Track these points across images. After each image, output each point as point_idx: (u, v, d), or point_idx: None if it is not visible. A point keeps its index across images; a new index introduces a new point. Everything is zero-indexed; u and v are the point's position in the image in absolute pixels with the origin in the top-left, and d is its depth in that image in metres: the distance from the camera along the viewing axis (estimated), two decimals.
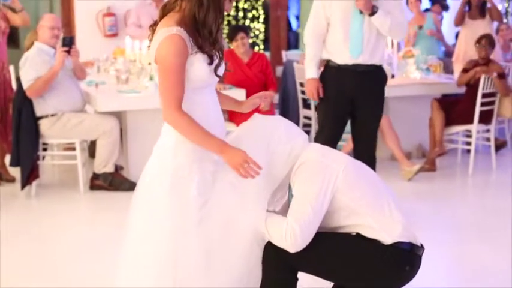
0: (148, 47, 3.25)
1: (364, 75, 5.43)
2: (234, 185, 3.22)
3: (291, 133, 3.38)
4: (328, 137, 5.42)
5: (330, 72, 5.52)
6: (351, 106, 5.50)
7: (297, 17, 14.34)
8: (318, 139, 5.47)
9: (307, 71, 5.55)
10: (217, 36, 3.19)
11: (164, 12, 3.22)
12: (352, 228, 3.29)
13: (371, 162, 5.31)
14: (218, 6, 3.14)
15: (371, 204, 3.26)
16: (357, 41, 5.35)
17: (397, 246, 3.21)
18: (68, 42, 6.67)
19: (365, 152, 5.45)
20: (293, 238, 3.14)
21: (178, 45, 3.08)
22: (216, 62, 3.22)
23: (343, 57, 5.41)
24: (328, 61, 5.56)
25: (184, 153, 3.19)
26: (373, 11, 5.28)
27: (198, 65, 3.16)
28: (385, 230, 3.22)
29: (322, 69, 5.66)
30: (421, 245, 3.34)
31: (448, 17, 10.98)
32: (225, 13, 3.23)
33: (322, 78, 5.57)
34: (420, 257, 3.32)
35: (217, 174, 3.22)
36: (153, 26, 3.24)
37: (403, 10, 5.55)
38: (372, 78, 5.50)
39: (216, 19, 3.15)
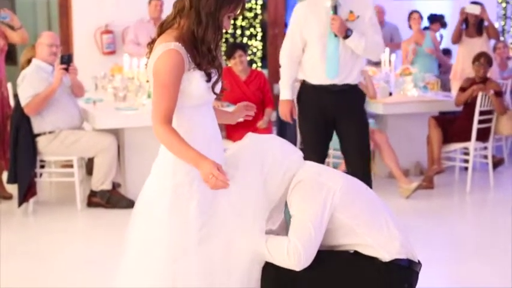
0: (146, 64, 3.25)
1: (340, 93, 5.52)
2: (233, 205, 3.21)
3: (286, 151, 3.39)
4: (313, 155, 5.45)
5: (307, 91, 5.60)
6: (332, 124, 5.59)
7: None
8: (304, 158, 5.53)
9: (282, 91, 5.63)
10: (216, 53, 3.21)
11: (162, 29, 3.22)
12: (350, 247, 3.29)
13: (366, 180, 5.33)
14: (217, 24, 3.16)
15: (369, 222, 3.27)
16: (333, 63, 5.43)
17: (396, 263, 3.21)
18: (67, 60, 6.69)
19: (358, 170, 5.44)
20: (297, 256, 3.14)
21: (175, 60, 3.09)
22: (214, 79, 3.23)
23: (319, 78, 5.49)
24: (303, 80, 5.63)
25: (184, 171, 3.17)
26: (347, 34, 5.36)
27: (196, 82, 3.17)
28: (383, 247, 3.23)
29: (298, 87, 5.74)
30: (419, 261, 3.34)
31: (447, 34, 10.99)
32: (224, 30, 3.24)
33: (300, 97, 5.66)
34: (417, 273, 3.32)
35: (217, 193, 3.18)
36: (151, 44, 3.24)
37: (379, 29, 5.61)
38: (349, 96, 5.59)
39: (215, 36, 3.17)
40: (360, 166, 5.55)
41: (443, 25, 10.93)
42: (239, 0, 3.21)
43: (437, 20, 10.83)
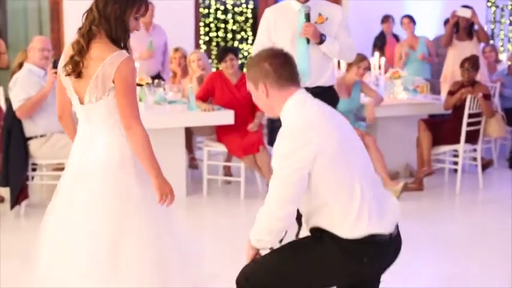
0: (80, 73, 3.51)
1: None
2: None
3: None
4: None
5: None
6: None
7: None
8: None
9: None
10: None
11: (88, 38, 3.55)
12: (316, 211, 3.28)
13: None
14: (124, 26, 3.55)
15: (342, 191, 3.22)
16: (303, 66, 5.42)
17: (354, 239, 3.21)
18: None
19: None
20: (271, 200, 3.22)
21: (134, 66, 3.54)
22: None
23: None
24: None
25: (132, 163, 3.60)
26: (321, 40, 5.44)
27: None
28: (347, 221, 3.21)
29: None
30: (397, 228, 3.36)
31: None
32: (134, 31, 3.63)
33: None
34: (380, 243, 3.26)
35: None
36: (81, 56, 3.53)
37: (350, 32, 5.65)
38: (321, 98, 5.52)
39: (125, 37, 3.58)
40: None
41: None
42: (140, 2, 3.58)
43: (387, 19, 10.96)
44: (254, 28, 12.78)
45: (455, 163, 8.00)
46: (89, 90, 3.50)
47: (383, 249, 3.28)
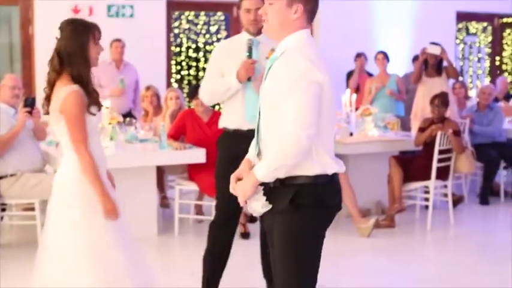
0: (48, 113, 4.08)
1: None
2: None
3: None
4: (227, 202, 4.74)
5: (226, 137, 5.09)
6: None
7: None
8: (219, 204, 5.09)
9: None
10: (89, 78, 4.13)
11: (52, 84, 4.05)
12: None
13: None
14: (84, 57, 4.07)
15: (323, 133, 3.33)
16: (252, 105, 4.78)
17: (317, 182, 3.34)
18: (30, 103, 6.68)
19: None
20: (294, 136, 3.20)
21: (80, 98, 3.98)
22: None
23: (237, 122, 4.97)
24: (224, 128, 5.11)
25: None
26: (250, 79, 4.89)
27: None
28: (318, 161, 3.34)
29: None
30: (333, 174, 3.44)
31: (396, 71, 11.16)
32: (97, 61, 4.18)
33: (219, 143, 5.18)
34: (325, 184, 3.42)
35: None
36: (47, 102, 4.07)
37: None
38: None
39: (86, 70, 4.08)
40: None
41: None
42: (93, 29, 4.07)
43: (359, 56, 11.11)
44: None
45: (426, 199, 8.04)
46: (50, 121, 4.10)
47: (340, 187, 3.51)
